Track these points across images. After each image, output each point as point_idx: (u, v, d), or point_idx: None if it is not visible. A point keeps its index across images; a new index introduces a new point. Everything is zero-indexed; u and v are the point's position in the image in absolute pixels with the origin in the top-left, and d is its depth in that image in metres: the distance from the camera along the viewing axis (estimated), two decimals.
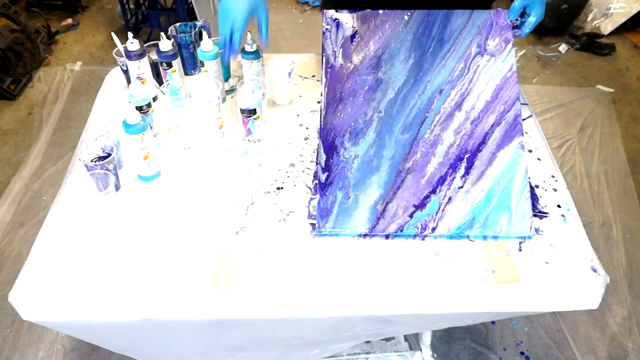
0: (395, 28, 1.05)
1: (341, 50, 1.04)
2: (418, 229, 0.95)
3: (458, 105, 1.02)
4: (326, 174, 1.00)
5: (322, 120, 1.03)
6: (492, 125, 1.00)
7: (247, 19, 1.09)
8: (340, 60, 1.04)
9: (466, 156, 0.99)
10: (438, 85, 1.03)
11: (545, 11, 1.07)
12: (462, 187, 0.97)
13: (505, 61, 1.02)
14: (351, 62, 1.04)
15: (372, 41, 1.04)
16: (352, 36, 1.05)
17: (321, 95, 1.02)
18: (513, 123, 1.00)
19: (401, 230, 0.95)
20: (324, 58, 1.05)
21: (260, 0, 1.11)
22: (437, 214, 0.96)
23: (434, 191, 0.98)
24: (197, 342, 1.00)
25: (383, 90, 1.03)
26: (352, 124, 1.02)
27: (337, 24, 1.06)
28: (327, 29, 1.06)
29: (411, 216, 0.96)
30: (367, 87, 1.03)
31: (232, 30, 1.10)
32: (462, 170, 0.99)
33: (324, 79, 1.03)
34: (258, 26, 1.15)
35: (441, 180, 0.99)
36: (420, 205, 0.96)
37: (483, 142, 1.00)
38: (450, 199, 0.97)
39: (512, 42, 1.03)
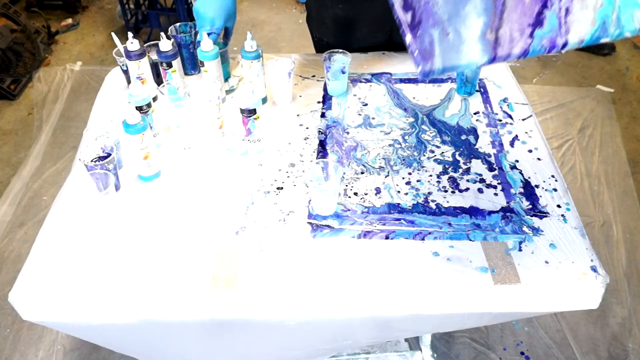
0: None
1: None
2: (545, 48, 0.83)
3: None
4: (410, 12, 0.84)
5: None
6: None
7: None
8: None
9: None
10: None
11: None
12: None
13: None
14: None
15: None
16: None
17: None
18: None
19: (527, 54, 0.83)
20: None
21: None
22: (560, 28, 0.84)
23: (545, 5, 0.85)
24: (196, 342, 1.00)
25: None
26: None
27: None
28: None
29: (532, 36, 0.84)
30: None
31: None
32: None
33: None
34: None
35: None
36: (537, 23, 0.84)
37: None
38: (567, 10, 0.84)
39: None
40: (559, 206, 1.02)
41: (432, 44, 0.84)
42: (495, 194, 1.05)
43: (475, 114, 1.25)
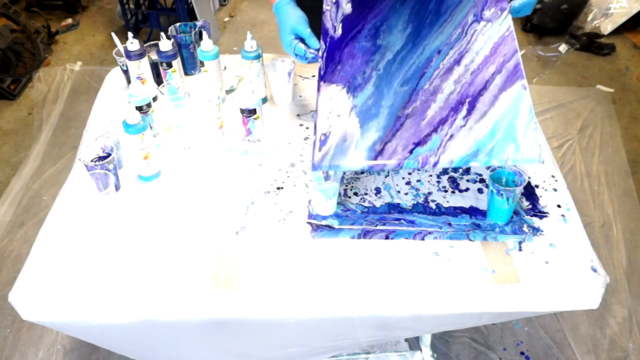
0: (393, 5, 1.07)
1: (341, 24, 1.06)
2: (418, 162, 0.93)
3: (457, 61, 1.01)
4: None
5: (319, 80, 1.02)
6: (492, 74, 0.99)
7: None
8: (339, 32, 1.06)
9: (467, 100, 0.96)
10: (436, 47, 1.03)
11: (546, 11, 1.07)
12: (464, 125, 0.95)
13: (502, 24, 1.02)
14: (350, 33, 1.06)
15: (370, 16, 1.07)
16: (351, 14, 1.07)
17: (320, 61, 1.04)
18: (514, 70, 0.99)
19: (400, 166, 0.93)
20: (322, 33, 1.06)
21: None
22: (438, 149, 0.93)
23: (435, 130, 0.95)
24: (196, 343, 1.00)
25: (382, 53, 1.03)
26: (350, 80, 1.02)
27: (337, 4, 1.08)
28: (326, 9, 1.08)
29: (411, 152, 0.93)
30: (365, 51, 1.04)
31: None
32: (464, 112, 0.96)
33: (322, 47, 1.04)
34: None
35: (442, 121, 0.96)
36: (421, 142, 0.94)
37: (484, 88, 0.97)
38: (452, 136, 0.94)
39: (508, 9, 1.03)
40: (559, 206, 1.02)
41: (332, 146, 0.95)
42: None
43: None
